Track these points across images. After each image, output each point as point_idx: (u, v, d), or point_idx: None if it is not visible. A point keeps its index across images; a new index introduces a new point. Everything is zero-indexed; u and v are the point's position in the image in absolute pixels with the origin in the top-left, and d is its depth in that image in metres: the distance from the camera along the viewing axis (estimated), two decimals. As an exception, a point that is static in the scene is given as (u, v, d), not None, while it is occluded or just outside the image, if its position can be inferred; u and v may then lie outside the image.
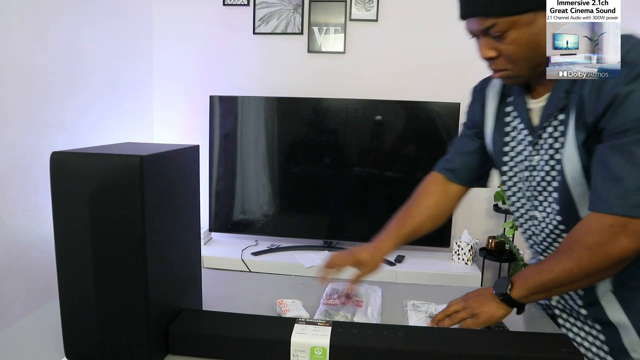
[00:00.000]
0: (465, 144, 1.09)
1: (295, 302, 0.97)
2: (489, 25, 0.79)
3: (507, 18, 0.78)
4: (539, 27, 0.78)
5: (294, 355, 0.75)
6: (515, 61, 0.82)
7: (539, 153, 0.90)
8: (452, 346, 0.75)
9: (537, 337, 0.81)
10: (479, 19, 0.80)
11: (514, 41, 0.79)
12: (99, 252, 0.70)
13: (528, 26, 0.78)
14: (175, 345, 0.79)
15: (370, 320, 0.92)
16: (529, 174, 0.93)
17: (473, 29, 0.83)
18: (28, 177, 1.78)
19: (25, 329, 0.88)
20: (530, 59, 0.81)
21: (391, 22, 2.42)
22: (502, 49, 0.81)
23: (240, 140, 2.45)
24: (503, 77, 0.87)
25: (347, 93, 2.39)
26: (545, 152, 0.89)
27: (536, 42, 0.79)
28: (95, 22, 2.14)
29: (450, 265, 2.34)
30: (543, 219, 0.93)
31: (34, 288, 1.82)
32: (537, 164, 0.91)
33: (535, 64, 0.82)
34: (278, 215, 2.50)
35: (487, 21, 0.79)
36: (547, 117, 0.87)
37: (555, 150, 0.87)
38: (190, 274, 0.89)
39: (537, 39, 0.79)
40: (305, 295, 1.02)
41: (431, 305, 1.00)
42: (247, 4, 2.49)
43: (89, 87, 2.12)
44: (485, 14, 0.78)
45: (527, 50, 0.80)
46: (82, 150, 0.73)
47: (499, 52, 0.82)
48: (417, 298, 1.05)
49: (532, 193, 0.94)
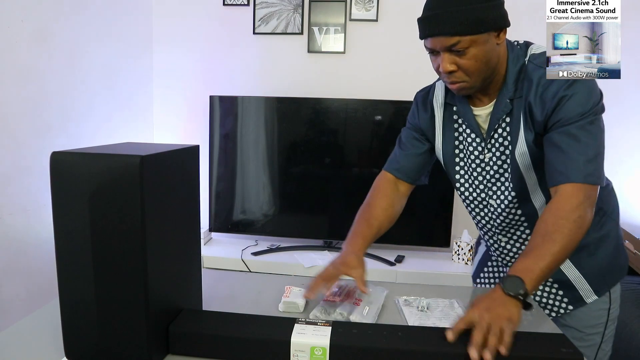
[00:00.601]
0: (414, 146, 1.18)
1: (301, 290, 1.00)
2: (454, 42, 0.91)
3: (469, 37, 0.91)
4: (491, 45, 0.94)
5: (294, 355, 0.75)
6: (472, 74, 0.95)
7: (491, 151, 1.06)
8: (452, 346, 0.75)
9: (536, 337, 0.82)
10: (446, 37, 0.92)
11: (473, 57, 0.93)
12: (99, 252, 0.70)
13: (484, 44, 0.93)
14: (175, 345, 0.79)
15: (365, 319, 0.92)
16: (482, 170, 1.08)
17: (436, 46, 0.94)
18: (28, 177, 1.78)
19: (25, 329, 0.88)
20: (483, 71, 0.96)
21: (391, 22, 2.42)
22: (462, 63, 0.94)
23: (240, 140, 2.45)
24: (459, 88, 0.99)
25: (347, 93, 2.39)
26: (497, 149, 1.05)
27: (489, 57, 0.95)
28: (95, 22, 2.14)
29: (450, 265, 2.34)
30: (498, 205, 1.09)
31: (34, 288, 1.82)
32: (488, 161, 1.07)
33: (486, 77, 0.97)
34: (278, 215, 2.50)
35: (452, 39, 0.91)
36: (497, 120, 1.02)
37: (505, 147, 1.03)
38: (190, 274, 0.89)
39: (490, 55, 0.94)
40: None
41: (422, 300, 1.03)
42: (247, 4, 2.49)
43: (89, 87, 2.12)
44: (451, 33, 0.91)
45: (482, 64, 0.94)
46: (82, 150, 0.73)
47: (459, 66, 0.94)
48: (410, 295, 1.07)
49: (485, 185, 1.09)
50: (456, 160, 1.13)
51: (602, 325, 1.11)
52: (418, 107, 1.17)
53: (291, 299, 0.97)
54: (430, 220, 2.43)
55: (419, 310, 0.99)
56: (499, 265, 1.26)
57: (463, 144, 1.10)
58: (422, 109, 1.16)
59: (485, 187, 1.10)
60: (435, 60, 0.98)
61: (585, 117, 0.92)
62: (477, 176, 1.10)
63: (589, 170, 0.91)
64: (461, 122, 1.10)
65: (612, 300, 1.11)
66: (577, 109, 0.92)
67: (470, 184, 1.12)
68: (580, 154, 0.91)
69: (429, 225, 2.45)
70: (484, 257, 1.31)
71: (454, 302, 1.04)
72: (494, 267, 1.27)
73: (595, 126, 0.93)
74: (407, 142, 1.19)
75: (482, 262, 1.31)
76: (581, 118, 0.92)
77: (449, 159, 1.14)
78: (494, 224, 1.13)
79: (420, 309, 1.00)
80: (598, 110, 0.94)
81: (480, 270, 1.31)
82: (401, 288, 1.12)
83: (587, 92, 0.92)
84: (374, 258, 2.32)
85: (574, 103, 0.92)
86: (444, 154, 1.14)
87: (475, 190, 1.12)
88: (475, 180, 1.11)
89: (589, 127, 0.92)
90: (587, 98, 0.92)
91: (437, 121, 1.13)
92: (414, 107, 1.20)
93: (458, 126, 1.11)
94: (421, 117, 1.16)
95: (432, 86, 1.17)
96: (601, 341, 1.11)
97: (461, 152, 1.11)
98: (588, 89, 0.93)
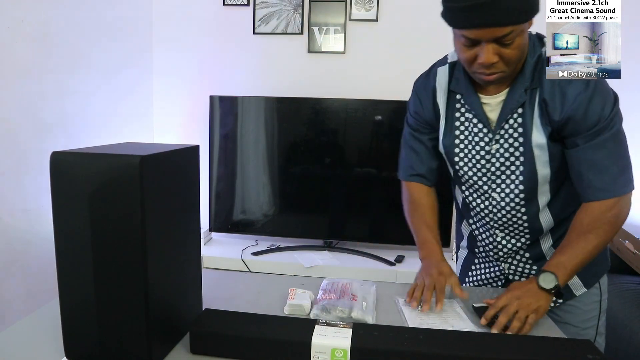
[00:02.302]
0: (423, 150, 1.16)
1: (305, 293, 1.00)
2: (506, 32, 0.85)
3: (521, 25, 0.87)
4: (527, 32, 0.92)
5: (314, 357, 0.75)
6: (512, 63, 0.92)
7: (499, 142, 1.03)
8: (475, 351, 0.74)
9: (562, 343, 0.81)
10: (498, 28, 0.85)
11: (517, 46, 0.89)
12: (99, 252, 0.70)
13: (525, 32, 0.91)
14: (195, 345, 0.79)
15: (365, 314, 0.93)
16: (486, 162, 1.05)
17: (484, 37, 0.87)
18: (28, 177, 1.78)
19: (25, 329, 0.88)
20: (519, 60, 0.94)
21: (391, 22, 2.42)
22: (506, 53, 0.89)
23: (240, 140, 2.45)
24: (496, 79, 0.94)
25: (347, 93, 2.39)
26: (505, 141, 1.02)
27: (526, 45, 0.93)
28: (95, 22, 2.14)
29: (450, 265, 2.33)
30: (502, 198, 1.07)
31: (34, 288, 1.82)
32: (495, 152, 1.04)
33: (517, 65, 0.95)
34: (278, 215, 2.50)
35: (505, 29, 0.85)
36: (511, 110, 0.99)
37: (515, 139, 1.00)
38: (190, 274, 0.89)
39: (526, 42, 0.93)
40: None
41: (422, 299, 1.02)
42: (247, 4, 2.49)
43: (89, 87, 2.12)
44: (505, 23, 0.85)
45: (522, 53, 0.93)
46: (82, 150, 0.73)
47: (501, 56, 0.90)
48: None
49: (489, 177, 1.07)
50: (457, 151, 1.09)
51: (595, 318, 1.13)
52: (420, 96, 1.12)
53: (297, 301, 0.96)
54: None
55: (419, 310, 0.99)
56: (486, 262, 1.22)
57: (467, 134, 1.06)
58: (425, 97, 1.11)
59: (489, 179, 1.07)
60: (470, 51, 0.91)
61: (608, 120, 0.93)
62: (480, 168, 1.07)
63: (623, 181, 0.96)
64: (465, 110, 1.06)
65: (602, 292, 1.14)
66: (599, 112, 0.92)
67: (472, 175, 1.09)
68: (614, 165, 0.95)
69: (429, 225, 2.45)
70: (465, 261, 1.29)
71: (454, 302, 1.04)
72: (480, 268, 1.24)
73: (617, 130, 0.94)
74: (416, 145, 1.16)
75: (465, 267, 1.29)
76: (605, 122, 0.93)
77: (450, 148, 1.09)
78: (494, 217, 1.11)
79: (420, 309, 0.99)
80: (617, 109, 0.95)
81: (465, 274, 1.28)
82: (401, 288, 1.12)
83: (605, 92, 0.93)
84: (374, 258, 2.32)
85: (597, 106, 0.92)
86: (445, 143, 1.10)
87: (477, 182, 1.09)
88: (479, 172, 1.07)
89: (614, 133, 0.94)
90: (606, 99, 0.93)
91: (441, 109, 1.09)
92: (414, 96, 1.14)
93: (460, 115, 1.07)
94: (425, 106, 1.11)
95: (431, 72, 1.11)
96: (595, 334, 1.13)
97: (463, 142, 1.08)
98: (606, 90, 0.93)
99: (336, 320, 0.85)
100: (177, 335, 0.83)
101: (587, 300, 1.13)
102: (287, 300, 0.98)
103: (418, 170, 1.17)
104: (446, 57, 1.11)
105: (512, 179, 1.04)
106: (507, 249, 1.14)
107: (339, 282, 1.05)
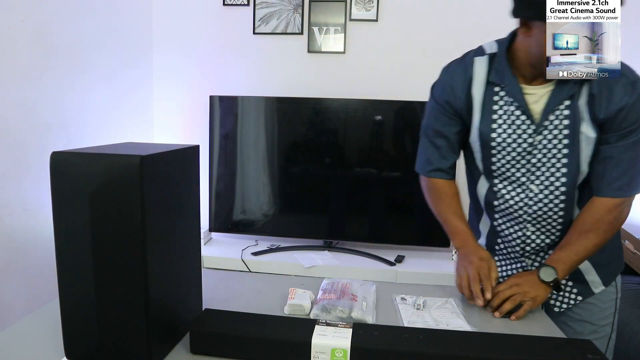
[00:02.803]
0: (445, 145, 1.15)
1: (305, 293, 1.00)
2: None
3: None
4: None
5: (314, 357, 0.75)
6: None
7: (542, 134, 1.03)
8: (475, 351, 0.75)
9: (562, 343, 0.81)
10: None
11: None
12: (99, 252, 0.70)
13: None
14: (195, 345, 0.79)
15: (365, 314, 0.93)
16: (527, 153, 1.05)
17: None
18: (28, 177, 1.78)
19: (25, 329, 0.88)
20: None
21: (391, 22, 2.42)
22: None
23: (240, 140, 2.45)
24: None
25: (347, 93, 2.39)
26: (550, 132, 1.02)
27: None
28: (95, 22, 2.14)
29: (450, 265, 2.33)
30: (540, 190, 1.06)
31: (34, 288, 1.82)
32: (537, 144, 1.04)
33: None
34: (278, 215, 2.50)
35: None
36: (560, 101, 0.99)
37: (560, 131, 1.01)
38: (190, 274, 0.89)
39: None
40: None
41: (419, 298, 1.04)
42: (247, 4, 2.49)
43: (88, 87, 2.12)
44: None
45: None
46: (82, 150, 0.73)
47: None
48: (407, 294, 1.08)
49: (528, 169, 1.06)
50: (493, 144, 1.07)
51: (612, 315, 1.16)
52: (453, 85, 1.09)
53: (297, 301, 0.97)
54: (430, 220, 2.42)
55: (415, 309, 1.00)
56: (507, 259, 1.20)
57: (505, 127, 1.05)
58: (459, 86, 1.08)
59: (528, 170, 1.06)
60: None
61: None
62: (520, 159, 1.06)
63: (636, 184, 1.01)
64: (504, 103, 1.05)
65: (617, 290, 1.17)
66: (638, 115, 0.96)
67: (510, 167, 1.07)
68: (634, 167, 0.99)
69: (428, 225, 2.44)
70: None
71: (451, 301, 1.04)
72: (499, 265, 1.21)
73: None
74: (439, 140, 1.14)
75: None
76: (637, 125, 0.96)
77: (487, 140, 1.07)
78: (528, 210, 1.09)
79: (417, 307, 1.00)
80: None
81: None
82: (401, 288, 1.12)
83: None
84: (374, 258, 2.32)
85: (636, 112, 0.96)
86: (481, 134, 1.08)
87: (515, 173, 1.08)
88: (517, 163, 1.06)
89: None
90: None
91: (476, 100, 1.07)
92: (444, 85, 1.11)
93: (499, 108, 1.05)
94: (457, 95, 1.08)
95: (466, 61, 1.09)
96: (611, 331, 1.16)
97: (501, 135, 1.06)
98: None
99: (336, 320, 0.85)
100: (177, 335, 0.83)
101: (605, 298, 1.15)
102: (287, 300, 0.98)
103: (438, 165, 1.17)
104: (482, 48, 1.09)
105: (552, 171, 1.04)
106: (535, 244, 1.13)
107: (339, 282, 1.06)
